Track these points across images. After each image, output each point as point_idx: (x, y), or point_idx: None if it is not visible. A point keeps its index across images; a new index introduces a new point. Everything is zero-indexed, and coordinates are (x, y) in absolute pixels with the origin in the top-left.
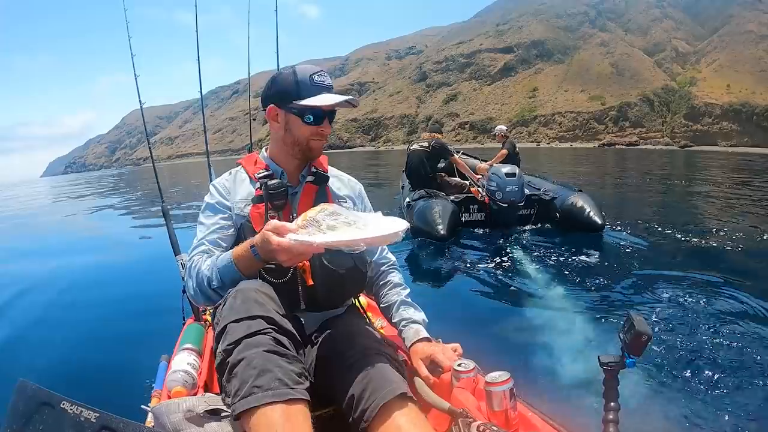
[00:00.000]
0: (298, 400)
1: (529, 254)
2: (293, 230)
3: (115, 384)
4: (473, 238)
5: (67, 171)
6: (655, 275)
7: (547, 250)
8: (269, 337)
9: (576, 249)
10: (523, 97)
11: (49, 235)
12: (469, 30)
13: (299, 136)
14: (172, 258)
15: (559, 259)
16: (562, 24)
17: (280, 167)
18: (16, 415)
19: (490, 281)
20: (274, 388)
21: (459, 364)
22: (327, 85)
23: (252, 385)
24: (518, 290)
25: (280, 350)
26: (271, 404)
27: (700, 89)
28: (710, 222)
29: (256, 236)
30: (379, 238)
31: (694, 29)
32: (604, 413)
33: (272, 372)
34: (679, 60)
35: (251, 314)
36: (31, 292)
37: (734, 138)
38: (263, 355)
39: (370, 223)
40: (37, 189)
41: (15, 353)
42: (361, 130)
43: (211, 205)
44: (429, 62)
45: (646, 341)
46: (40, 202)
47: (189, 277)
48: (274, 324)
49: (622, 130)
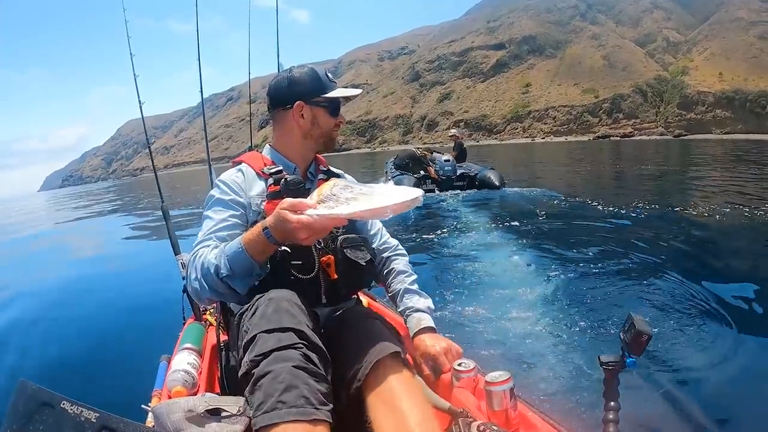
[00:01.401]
0: (321, 421)
1: (464, 206)
2: (312, 206)
3: (115, 384)
4: (431, 201)
5: (65, 184)
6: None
7: (471, 204)
8: (299, 352)
9: (486, 201)
10: (516, 93)
11: (49, 237)
12: (460, 28)
13: (326, 128)
14: (172, 258)
15: (479, 208)
16: (552, 18)
17: (293, 163)
18: (16, 415)
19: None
20: (299, 406)
21: (459, 364)
22: (335, 80)
23: (277, 400)
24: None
25: (309, 367)
26: (293, 422)
27: (692, 78)
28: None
29: (268, 218)
30: (401, 204)
31: (685, 18)
32: (604, 413)
33: (299, 389)
34: (670, 50)
35: (283, 326)
36: (31, 293)
37: (728, 125)
38: (291, 371)
39: (386, 192)
40: (34, 202)
41: (15, 353)
42: (356, 132)
43: (222, 200)
44: (421, 62)
45: (647, 341)
46: (38, 214)
47: (192, 269)
48: (305, 339)
49: (617, 122)
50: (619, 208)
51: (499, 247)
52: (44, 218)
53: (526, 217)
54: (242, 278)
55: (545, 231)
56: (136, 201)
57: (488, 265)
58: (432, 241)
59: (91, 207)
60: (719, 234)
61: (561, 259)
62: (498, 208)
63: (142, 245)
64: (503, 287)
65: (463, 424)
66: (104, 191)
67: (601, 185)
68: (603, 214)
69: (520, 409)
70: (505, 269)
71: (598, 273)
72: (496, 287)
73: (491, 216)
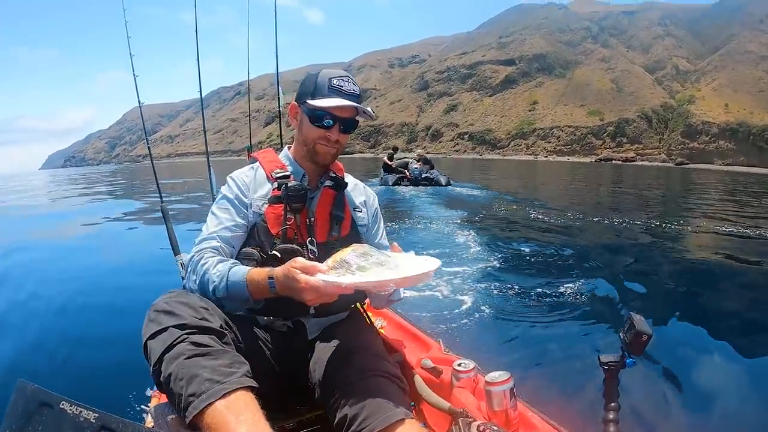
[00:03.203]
0: (234, 390)
1: (423, 196)
2: (323, 271)
3: (115, 384)
4: (405, 193)
5: (66, 165)
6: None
7: (427, 194)
8: (186, 343)
9: (437, 193)
10: (522, 110)
11: (48, 235)
12: (472, 41)
13: (307, 137)
14: (172, 258)
15: (432, 197)
16: (564, 38)
17: (302, 168)
18: (15, 415)
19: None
20: (206, 390)
21: (459, 364)
22: (345, 91)
23: (187, 395)
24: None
25: (201, 351)
26: (209, 406)
27: (698, 107)
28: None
29: (277, 269)
30: (410, 278)
31: (696, 47)
32: (604, 413)
33: (199, 376)
34: (679, 78)
35: (163, 326)
36: (30, 293)
37: (730, 157)
38: (185, 364)
39: (401, 264)
40: (33, 182)
41: (15, 353)
42: (360, 137)
43: (229, 198)
44: (431, 71)
45: (647, 341)
46: (40, 199)
47: (193, 272)
48: (187, 329)
49: (620, 146)
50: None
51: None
52: (45, 203)
53: (468, 208)
54: (234, 302)
55: (430, 190)
56: (140, 188)
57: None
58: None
59: (91, 198)
60: (721, 234)
61: (561, 259)
62: (443, 198)
63: (142, 245)
64: (502, 285)
65: (463, 424)
66: (109, 175)
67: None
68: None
69: (520, 409)
70: (505, 268)
71: (598, 273)
72: (494, 283)
73: (439, 203)
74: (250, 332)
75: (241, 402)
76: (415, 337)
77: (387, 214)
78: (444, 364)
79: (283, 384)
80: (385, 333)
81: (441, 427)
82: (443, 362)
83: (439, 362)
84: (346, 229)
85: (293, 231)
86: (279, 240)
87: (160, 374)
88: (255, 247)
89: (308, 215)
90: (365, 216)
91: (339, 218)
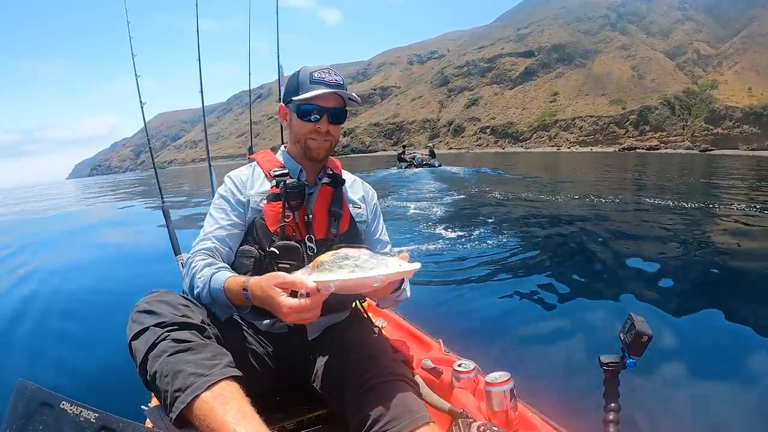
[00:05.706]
0: (218, 381)
1: (425, 175)
2: (308, 288)
3: (115, 384)
4: (413, 175)
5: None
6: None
7: (424, 173)
8: (168, 341)
9: (435, 175)
10: (543, 102)
11: (49, 235)
12: (490, 34)
13: (298, 134)
14: (173, 258)
15: (430, 174)
16: (582, 28)
17: (298, 165)
18: (16, 415)
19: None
20: (191, 384)
21: (459, 365)
22: (327, 82)
23: (173, 391)
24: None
25: (183, 347)
26: (196, 398)
27: (721, 92)
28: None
29: (252, 281)
30: (387, 276)
31: (717, 31)
32: (604, 413)
33: (183, 371)
34: (700, 63)
35: (144, 326)
36: (30, 293)
37: (755, 141)
38: (168, 361)
39: (379, 266)
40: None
41: (15, 353)
42: (383, 135)
43: (225, 197)
44: (450, 67)
45: (647, 341)
46: (58, 201)
47: (186, 276)
48: (167, 326)
49: (643, 134)
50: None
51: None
52: (47, 207)
53: (449, 182)
54: (221, 308)
55: (432, 170)
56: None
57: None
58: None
59: (89, 199)
60: (722, 233)
61: (561, 259)
62: (435, 175)
63: (142, 245)
64: (503, 285)
65: (463, 425)
66: (135, 182)
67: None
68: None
69: (520, 409)
70: (503, 266)
71: (597, 273)
72: (492, 281)
73: (431, 178)
74: (250, 334)
75: (226, 392)
76: (415, 337)
77: (398, 184)
78: (444, 365)
79: (283, 384)
80: (386, 333)
81: (441, 427)
82: (443, 363)
83: (440, 363)
84: (344, 226)
85: (292, 228)
86: (277, 237)
87: (146, 373)
88: (253, 244)
89: (306, 212)
90: (364, 212)
91: (337, 215)
